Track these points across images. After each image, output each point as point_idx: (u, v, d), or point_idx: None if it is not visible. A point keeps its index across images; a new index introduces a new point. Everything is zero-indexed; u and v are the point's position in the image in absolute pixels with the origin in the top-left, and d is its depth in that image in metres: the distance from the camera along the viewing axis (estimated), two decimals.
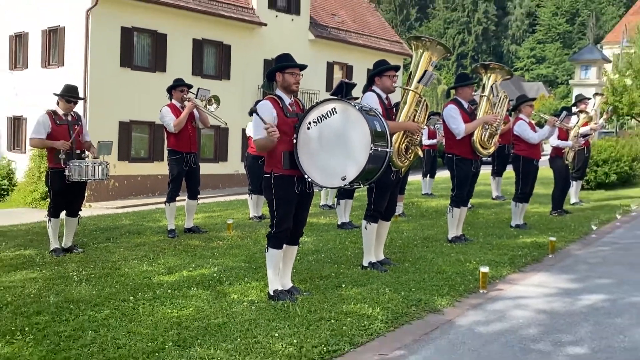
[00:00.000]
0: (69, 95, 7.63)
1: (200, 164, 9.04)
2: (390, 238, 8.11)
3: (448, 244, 8.04)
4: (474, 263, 6.82)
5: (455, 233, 8.24)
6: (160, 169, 21.40)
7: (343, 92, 7.14)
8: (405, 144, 6.50)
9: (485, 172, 10.98)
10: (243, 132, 20.70)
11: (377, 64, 6.61)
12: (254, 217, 10.49)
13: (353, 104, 5.27)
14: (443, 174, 15.47)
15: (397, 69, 6.60)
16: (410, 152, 6.57)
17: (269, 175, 5.38)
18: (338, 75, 29.63)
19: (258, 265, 6.63)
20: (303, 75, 5.66)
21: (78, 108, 8.07)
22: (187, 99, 8.59)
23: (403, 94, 6.55)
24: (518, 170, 9.57)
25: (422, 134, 6.72)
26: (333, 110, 5.23)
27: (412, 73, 6.61)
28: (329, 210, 11.19)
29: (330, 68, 29.83)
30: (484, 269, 5.99)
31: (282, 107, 5.36)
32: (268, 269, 5.52)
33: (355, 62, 30.51)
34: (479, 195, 12.64)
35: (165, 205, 8.95)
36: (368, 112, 5.33)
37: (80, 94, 8.27)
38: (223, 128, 22.64)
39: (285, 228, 5.41)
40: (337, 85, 7.53)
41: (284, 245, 5.49)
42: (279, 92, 5.47)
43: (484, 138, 7.99)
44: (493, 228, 9.38)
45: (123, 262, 7.10)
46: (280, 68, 5.43)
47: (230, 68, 25.65)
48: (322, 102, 5.33)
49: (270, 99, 5.40)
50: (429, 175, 14.47)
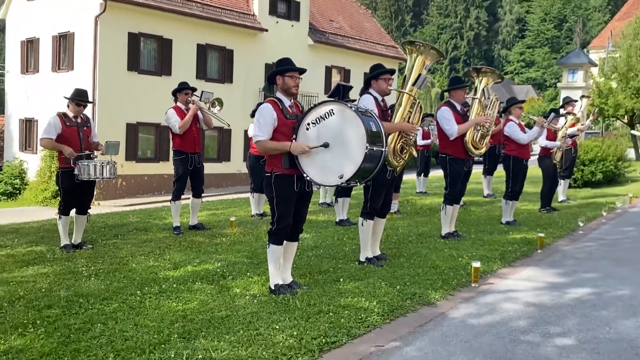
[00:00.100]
0: (79, 99, 7.64)
1: (204, 164, 9.03)
2: (386, 234, 8.11)
3: (441, 240, 8.04)
4: (466, 258, 6.81)
5: (449, 229, 8.24)
6: (166, 169, 21.36)
7: (340, 94, 7.15)
8: (401, 144, 6.51)
9: (477, 171, 10.98)
10: (245, 133, 20.70)
11: (373, 68, 6.61)
12: (256, 214, 10.49)
13: (349, 106, 5.28)
14: (437, 173, 15.49)
15: (392, 73, 6.60)
16: (405, 152, 6.57)
17: (270, 174, 5.38)
18: (336, 79, 29.59)
19: (260, 261, 6.63)
20: (302, 79, 5.66)
21: (87, 110, 8.05)
22: (191, 102, 8.58)
23: (398, 97, 6.54)
24: (508, 170, 9.58)
25: (416, 135, 6.72)
26: (330, 112, 5.23)
27: (406, 76, 6.60)
28: (328, 208, 11.19)
29: (329, 72, 29.82)
30: (476, 264, 6.00)
31: (282, 109, 5.35)
32: (269, 264, 5.52)
33: (353, 66, 30.50)
34: (471, 194, 12.64)
35: (171, 204, 8.94)
36: (364, 113, 5.34)
37: (89, 97, 8.26)
38: (226, 129, 22.62)
39: (286, 225, 5.41)
40: (334, 88, 7.53)
41: (285, 242, 5.48)
42: (279, 94, 5.46)
43: (476, 139, 7.99)
44: (484, 225, 9.38)
45: (130, 257, 7.11)
46: (281, 72, 5.43)
47: (233, 72, 25.64)
48: (320, 104, 5.33)
49: (271, 101, 5.39)
50: (423, 174, 14.48)
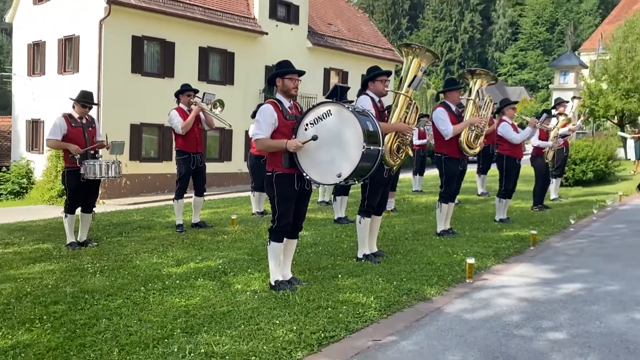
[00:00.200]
0: (85, 101, 7.63)
1: (206, 163, 9.02)
2: (383, 232, 8.12)
3: (437, 237, 8.04)
4: (461, 255, 6.82)
5: (444, 227, 8.24)
6: (169, 168, 21.38)
7: (338, 95, 7.14)
8: (397, 144, 6.50)
9: (472, 170, 10.99)
10: (246, 133, 20.65)
11: (370, 70, 6.60)
12: (256, 212, 10.48)
13: (347, 106, 5.28)
14: (432, 172, 15.56)
15: (388, 74, 6.60)
16: (402, 151, 6.56)
17: (271, 174, 5.38)
18: (334, 81, 29.59)
19: (260, 258, 6.63)
20: (301, 81, 5.67)
21: (92, 111, 8.05)
22: (193, 103, 8.57)
23: (395, 98, 6.53)
24: (502, 169, 9.58)
25: (412, 135, 6.71)
26: (328, 112, 5.23)
27: (402, 78, 6.59)
28: (326, 206, 11.18)
29: (327, 74, 29.82)
30: (470, 260, 6.00)
31: (282, 110, 5.35)
32: (269, 261, 5.51)
33: (350, 68, 30.49)
34: (466, 192, 12.62)
35: (174, 202, 8.93)
36: (361, 113, 5.34)
37: (94, 99, 8.26)
38: (227, 130, 22.56)
39: (286, 223, 5.41)
40: (332, 89, 7.52)
41: (285, 239, 5.48)
42: (279, 96, 5.46)
43: (470, 138, 7.98)
44: (478, 222, 9.38)
45: (134, 255, 7.10)
46: (281, 74, 5.42)
47: (234, 74, 25.62)
48: (318, 104, 5.33)
49: (271, 103, 5.39)
50: (419, 173, 14.46)
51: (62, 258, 7.04)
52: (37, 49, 25.30)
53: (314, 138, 5.12)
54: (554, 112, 11.80)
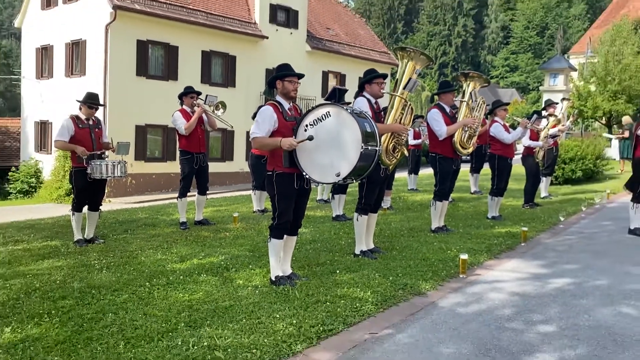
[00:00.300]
0: (91, 102, 7.61)
1: (209, 163, 9.00)
2: (380, 229, 8.12)
3: (431, 234, 8.04)
4: (455, 251, 6.82)
5: (438, 224, 8.25)
6: (173, 168, 21.31)
7: (336, 97, 7.15)
8: (393, 144, 6.51)
9: (465, 169, 10.96)
10: (247, 134, 20.64)
11: (367, 73, 6.59)
12: (257, 210, 10.47)
13: (345, 108, 5.28)
14: (427, 171, 15.52)
15: (384, 77, 6.58)
16: (397, 151, 6.57)
17: (271, 173, 5.38)
18: (333, 83, 29.56)
19: (261, 254, 6.63)
20: (301, 83, 5.65)
21: (98, 113, 8.03)
22: (196, 105, 8.57)
23: (390, 99, 6.54)
24: (494, 168, 9.58)
25: (407, 135, 6.71)
26: (327, 114, 5.22)
27: (398, 80, 6.59)
28: (325, 204, 11.18)
29: (326, 76, 29.79)
30: (464, 256, 6.01)
31: (282, 111, 5.35)
32: (270, 257, 5.52)
33: (348, 71, 30.47)
34: (459, 190, 12.62)
35: (178, 200, 8.93)
36: (359, 114, 5.33)
37: (100, 101, 8.25)
38: (229, 130, 22.55)
39: (286, 220, 5.41)
40: (330, 91, 7.53)
41: (285, 236, 5.48)
42: (279, 98, 5.46)
43: (464, 139, 7.99)
44: (471, 219, 9.39)
45: (140, 251, 7.10)
46: (281, 76, 5.43)
47: (236, 76, 25.60)
48: (317, 106, 5.32)
49: (271, 104, 5.39)
50: (414, 172, 14.46)
51: (69, 255, 7.03)
52: (45, 53, 25.28)
53: (310, 138, 5.12)
54: (544, 113, 11.81)
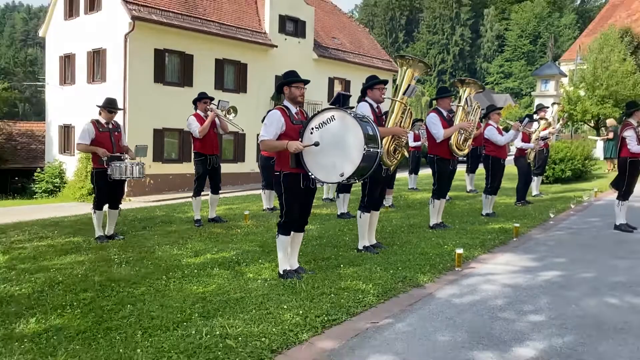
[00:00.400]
0: (110, 107, 7.64)
1: (221, 164, 9.02)
2: (381, 225, 8.12)
3: (430, 230, 8.04)
4: (451, 245, 6.82)
5: (436, 221, 8.25)
6: (188, 169, 21.30)
7: (340, 102, 7.14)
8: (394, 146, 6.50)
9: (461, 169, 10.95)
10: (257, 137, 20.65)
11: (368, 79, 6.59)
12: (267, 208, 10.48)
13: (349, 112, 5.27)
14: (426, 172, 15.48)
15: (385, 83, 6.57)
16: (398, 152, 6.56)
17: (279, 173, 5.39)
18: (338, 89, 29.46)
19: (270, 249, 6.64)
20: (307, 89, 5.66)
21: (118, 117, 8.06)
22: (210, 110, 8.58)
23: (391, 104, 6.52)
24: (488, 168, 9.59)
25: (407, 138, 6.70)
26: (332, 118, 5.22)
27: (398, 86, 6.58)
28: (330, 203, 11.18)
29: (331, 83, 29.76)
30: (459, 251, 6.01)
31: (289, 115, 5.36)
32: (278, 252, 5.53)
33: (352, 77, 30.40)
34: (456, 189, 12.61)
35: (192, 199, 8.95)
36: (362, 118, 5.33)
37: (120, 105, 8.26)
38: (240, 134, 22.59)
39: (293, 218, 5.42)
40: (335, 97, 7.52)
41: (292, 232, 5.49)
42: (287, 102, 5.46)
43: (460, 141, 7.98)
44: (467, 216, 9.38)
45: (157, 247, 7.12)
46: (288, 82, 5.43)
47: (247, 83, 25.60)
48: (322, 110, 5.32)
49: (280, 109, 5.40)
50: (414, 172, 14.45)
51: (91, 250, 7.06)
52: (68, 61, 25.35)
53: (316, 144, 5.14)
54: (536, 116, 11.80)
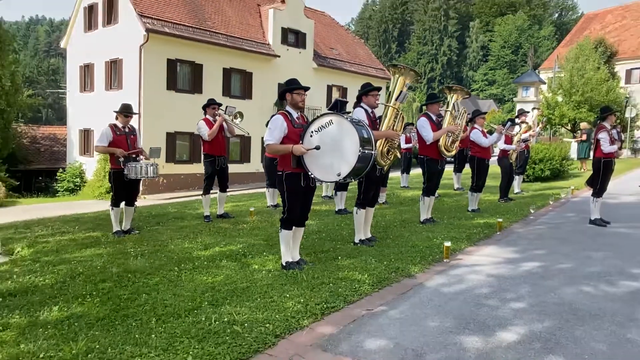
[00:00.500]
0: (126, 112, 7.63)
1: (229, 165, 9.03)
2: (376, 221, 8.11)
3: (420, 225, 8.04)
4: (440, 239, 6.82)
5: (426, 216, 8.24)
6: (198, 169, 21.28)
7: (338, 107, 7.14)
8: (387, 148, 6.50)
9: (449, 169, 10.95)
10: (262, 140, 20.66)
11: (363, 86, 6.57)
12: (271, 205, 10.48)
13: (345, 117, 5.27)
14: (417, 171, 15.51)
15: (379, 90, 6.57)
16: (391, 153, 6.56)
17: (281, 173, 5.39)
18: (336, 95, 29.47)
19: (274, 243, 6.65)
20: (307, 95, 5.65)
21: (134, 122, 8.05)
22: (218, 115, 8.59)
23: (385, 109, 6.53)
24: (473, 168, 9.58)
25: (399, 140, 6.70)
26: (330, 122, 5.23)
27: (391, 93, 6.59)
28: (329, 200, 11.17)
29: (330, 90, 29.74)
30: (447, 243, 6.02)
31: (291, 120, 5.36)
32: (281, 245, 5.53)
33: (349, 84, 30.38)
34: (444, 187, 12.61)
35: (202, 197, 8.95)
36: (357, 123, 5.33)
37: (135, 110, 8.25)
38: (246, 137, 22.57)
39: (295, 214, 5.42)
40: (333, 102, 7.52)
41: (294, 227, 5.49)
42: (289, 108, 5.46)
43: (448, 143, 7.98)
44: (454, 212, 9.37)
45: (170, 240, 7.12)
46: (290, 89, 5.43)
47: (252, 90, 25.59)
48: (321, 115, 5.32)
49: (282, 114, 5.40)
50: (406, 172, 14.44)
51: (109, 244, 7.07)
52: (87, 70, 25.33)
53: (317, 148, 5.15)
54: (517, 120, 11.78)
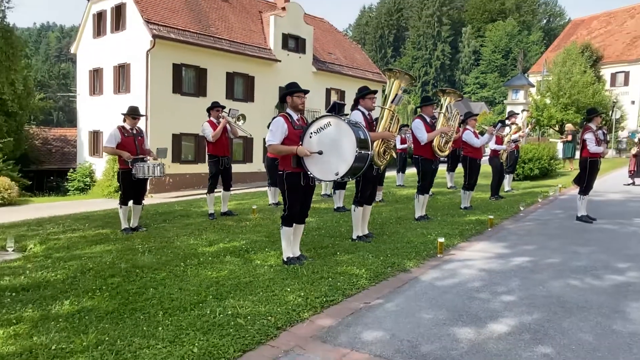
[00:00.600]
0: (134, 114, 7.62)
1: (232, 165, 9.02)
2: (373, 218, 8.11)
3: (415, 222, 8.04)
4: (434, 235, 6.82)
5: (421, 213, 8.25)
6: (203, 169, 21.38)
7: (336, 109, 7.12)
8: (383, 148, 6.50)
9: (442, 168, 10.98)
10: (263, 140, 20.51)
11: (360, 89, 6.57)
12: (272, 203, 10.47)
13: (343, 119, 5.27)
14: (412, 170, 15.50)
15: (375, 93, 6.56)
16: (387, 154, 6.56)
17: (282, 172, 5.39)
18: (334, 98, 29.45)
19: (275, 239, 6.64)
20: (307, 98, 5.65)
21: (141, 124, 8.03)
22: (221, 117, 8.59)
23: (381, 111, 6.53)
24: (466, 167, 9.59)
25: (395, 141, 6.70)
26: (328, 124, 5.22)
27: (387, 96, 6.59)
28: (328, 198, 11.18)
29: (328, 93, 29.71)
30: (441, 239, 6.02)
31: (291, 121, 5.36)
32: (282, 242, 5.53)
33: (347, 88, 30.33)
34: (438, 186, 12.62)
35: (207, 196, 8.95)
36: (354, 124, 5.33)
37: (142, 113, 8.24)
38: (249, 138, 22.48)
39: (295, 211, 5.42)
40: (331, 105, 7.51)
41: (294, 224, 5.49)
42: (289, 110, 5.46)
43: (441, 144, 7.98)
44: (448, 209, 9.38)
45: (176, 237, 7.12)
46: (290, 92, 5.43)
47: (254, 93, 25.55)
48: (320, 117, 5.32)
49: (282, 116, 5.40)
50: (401, 171, 14.44)
51: (118, 240, 7.06)
52: (96, 74, 25.29)
53: (320, 152, 5.14)
54: (508, 122, 11.79)
